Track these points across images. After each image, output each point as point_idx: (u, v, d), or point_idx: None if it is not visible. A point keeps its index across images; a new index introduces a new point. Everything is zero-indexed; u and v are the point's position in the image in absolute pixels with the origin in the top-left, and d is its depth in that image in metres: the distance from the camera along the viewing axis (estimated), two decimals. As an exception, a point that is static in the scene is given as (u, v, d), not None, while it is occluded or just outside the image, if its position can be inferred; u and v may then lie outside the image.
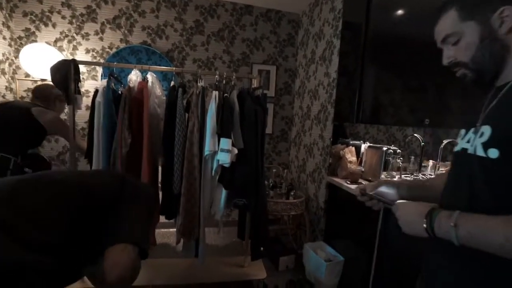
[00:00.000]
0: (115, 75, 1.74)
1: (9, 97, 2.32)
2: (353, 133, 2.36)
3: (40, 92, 1.78)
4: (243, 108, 1.71)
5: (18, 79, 2.37)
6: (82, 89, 2.39)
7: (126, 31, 2.55)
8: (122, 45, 2.54)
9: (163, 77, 2.58)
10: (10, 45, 2.33)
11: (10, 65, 2.33)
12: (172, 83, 1.77)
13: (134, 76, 1.69)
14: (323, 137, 2.28)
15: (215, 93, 1.68)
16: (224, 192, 1.73)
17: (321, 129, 2.31)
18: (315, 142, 2.41)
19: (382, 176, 1.86)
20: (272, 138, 2.96)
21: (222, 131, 1.61)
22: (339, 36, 2.07)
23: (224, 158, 1.58)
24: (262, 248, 1.84)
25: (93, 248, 0.60)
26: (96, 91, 1.61)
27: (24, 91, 2.41)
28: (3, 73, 2.26)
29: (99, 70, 2.50)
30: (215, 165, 1.65)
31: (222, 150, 1.59)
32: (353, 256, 1.74)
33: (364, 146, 2.06)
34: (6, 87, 2.29)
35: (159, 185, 1.77)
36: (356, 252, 1.73)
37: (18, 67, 2.35)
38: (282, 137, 2.99)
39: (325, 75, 2.28)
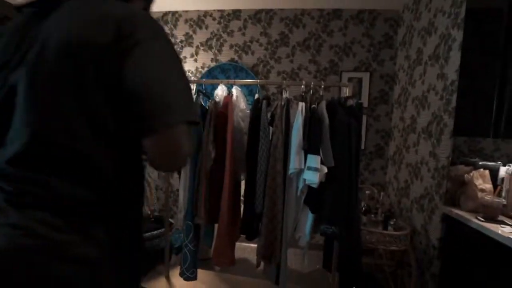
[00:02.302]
0: (204, 91, 1.81)
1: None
2: (475, 150, 1.77)
3: None
4: (333, 120, 1.49)
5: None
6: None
7: (216, 51, 2.72)
8: (213, 64, 2.71)
9: (249, 92, 2.61)
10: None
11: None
12: (256, 95, 1.72)
13: (220, 91, 1.72)
14: (435, 155, 1.80)
15: (301, 105, 1.53)
16: (310, 216, 1.52)
17: (433, 144, 1.83)
18: (424, 161, 1.93)
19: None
20: (365, 154, 2.57)
21: (309, 146, 1.44)
22: (461, 26, 1.62)
23: (311, 178, 1.39)
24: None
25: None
26: (188, 107, 1.70)
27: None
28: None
29: (193, 88, 2.74)
30: (301, 185, 1.48)
31: (309, 168, 1.41)
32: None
33: (505, 170, 1.50)
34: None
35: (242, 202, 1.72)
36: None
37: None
38: (376, 153, 2.57)
39: (438, 77, 1.82)
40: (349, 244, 1.51)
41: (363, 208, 2.08)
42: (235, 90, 1.71)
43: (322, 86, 1.64)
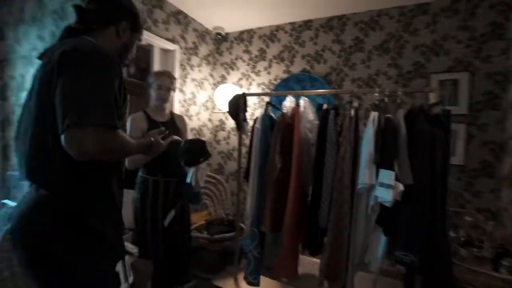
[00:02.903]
0: (273, 103, 1.87)
1: (209, 125, 3.12)
2: None
3: None
4: (413, 131, 1.31)
5: (213, 112, 3.16)
6: (251, 118, 2.81)
7: (288, 62, 2.78)
8: (285, 76, 2.78)
9: (326, 102, 2.52)
10: (212, 88, 3.16)
11: (211, 103, 3.15)
12: (325, 106, 1.67)
13: (288, 103, 1.75)
14: None
15: (373, 115, 1.40)
16: (383, 238, 1.36)
17: None
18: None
19: None
20: (465, 171, 2.12)
21: (382, 160, 1.30)
22: None
23: (384, 195, 1.25)
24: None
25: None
26: (256, 119, 1.79)
27: (218, 121, 3.16)
28: (207, 108, 3.08)
29: (266, 100, 2.86)
30: (371, 202, 1.34)
31: (382, 185, 1.27)
32: None
33: None
34: (208, 119, 3.11)
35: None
36: None
37: (214, 104, 3.13)
38: (483, 170, 2.08)
39: None
40: (435, 280, 1.27)
41: (462, 239, 1.72)
42: (302, 101, 1.71)
43: (400, 92, 1.47)
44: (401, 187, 1.23)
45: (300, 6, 2.42)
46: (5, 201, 2.26)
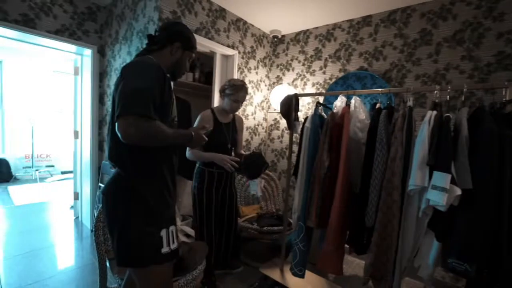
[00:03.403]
0: (324, 103, 1.90)
1: (264, 124, 3.29)
2: None
3: None
4: (477, 131, 1.19)
5: (268, 112, 3.31)
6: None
7: (344, 61, 2.73)
8: (341, 74, 2.74)
9: (388, 100, 2.41)
10: (268, 89, 3.32)
11: (266, 103, 3.31)
12: (378, 105, 1.63)
13: (339, 102, 1.76)
14: None
15: (430, 114, 1.32)
16: (436, 244, 1.28)
17: None
18: None
19: None
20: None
21: (436, 161, 1.22)
22: None
23: (437, 199, 1.18)
24: None
25: None
26: (306, 118, 1.85)
27: (272, 120, 3.30)
28: (262, 108, 3.26)
29: (321, 99, 2.87)
30: (423, 205, 1.27)
31: (435, 188, 1.19)
32: None
33: None
34: (263, 118, 3.28)
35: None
36: None
37: (269, 104, 3.28)
38: None
39: None
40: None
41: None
42: (353, 100, 1.70)
43: (465, 89, 1.34)
44: (458, 191, 1.14)
45: (358, 2, 2.36)
46: (100, 184, 2.86)
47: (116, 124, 0.89)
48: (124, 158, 1.02)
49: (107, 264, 1.46)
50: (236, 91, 1.87)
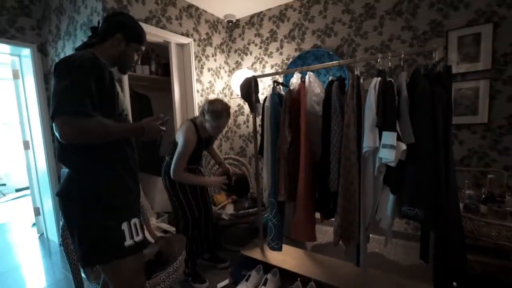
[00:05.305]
0: (281, 82, 1.96)
1: (229, 112, 3.29)
2: None
3: None
4: (414, 92, 1.32)
5: (231, 99, 3.31)
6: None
7: (299, 40, 2.80)
8: (297, 54, 2.81)
9: (340, 73, 2.53)
10: (228, 75, 3.30)
11: (228, 89, 3.30)
12: (330, 78, 1.72)
13: (295, 79, 1.82)
14: None
15: (375, 80, 1.43)
16: (391, 197, 1.42)
17: None
18: None
19: None
20: (490, 129, 2.03)
21: (384, 123, 1.34)
22: None
23: (387, 155, 1.30)
24: (455, 284, 1.31)
25: None
26: (265, 98, 1.90)
27: (236, 106, 3.31)
28: (225, 95, 3.24)
29: (280, 79, 2.93)
30: (377, 164, 1.40)
31: (385, 146, 1.31)
32: None
33: None
34: (227, 105, 3.27)
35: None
36: None
37: (231, 90, 3.28)
38: (510, 126, 1.98)
39: None
40: (442, 231, 1.31)
41: (483, 196, 1.69)
42: (307, 76, 1.77)
43: (403, 55, 1.46)
44: (403, 146, 1.27)
45: (304, -19, 2.41)
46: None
47: (53, 125, 0.87)
48: (71, 157, 0.99)
49: (82, 274, 1.41)
50: (217, 118, 1.77)
